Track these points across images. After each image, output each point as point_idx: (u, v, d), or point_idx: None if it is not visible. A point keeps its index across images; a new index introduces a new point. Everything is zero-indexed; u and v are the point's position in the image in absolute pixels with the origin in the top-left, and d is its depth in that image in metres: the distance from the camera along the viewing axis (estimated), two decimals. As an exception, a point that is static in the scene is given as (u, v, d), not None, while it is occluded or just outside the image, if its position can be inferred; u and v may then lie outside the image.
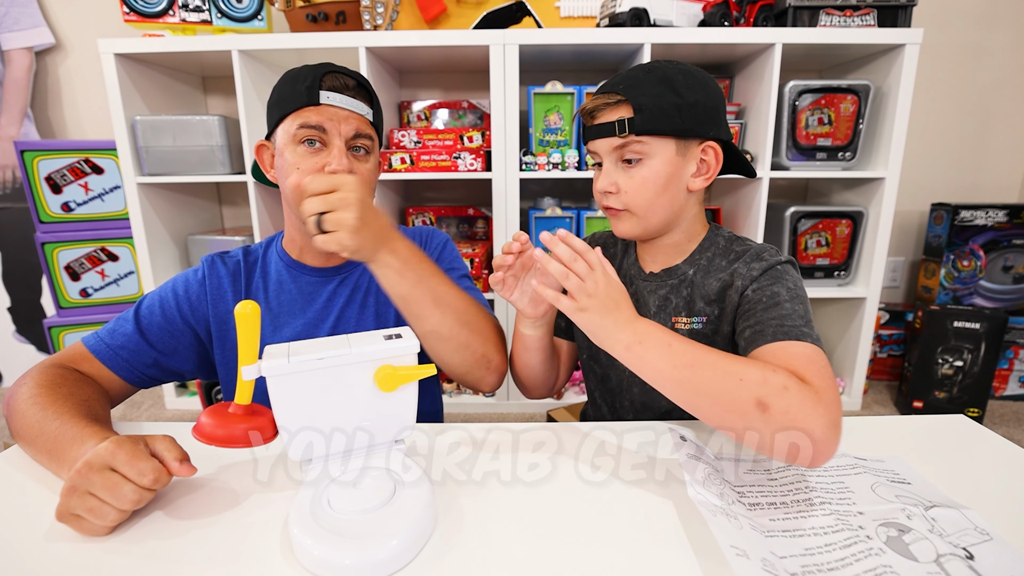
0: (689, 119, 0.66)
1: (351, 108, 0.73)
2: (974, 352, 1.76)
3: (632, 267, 0.80)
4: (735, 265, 0.70)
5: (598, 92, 0.71)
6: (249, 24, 1.65)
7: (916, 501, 0.52)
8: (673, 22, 1.57)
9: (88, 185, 1.79)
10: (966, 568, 0.43)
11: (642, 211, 0.69)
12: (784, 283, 0.65)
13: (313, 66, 0.74)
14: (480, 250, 1.68)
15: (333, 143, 0.72)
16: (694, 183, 0.70)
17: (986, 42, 1.91)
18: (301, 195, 0.60)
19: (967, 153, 2.01)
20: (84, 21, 1.89)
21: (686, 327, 0.73)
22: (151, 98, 1.69)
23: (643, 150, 0.67)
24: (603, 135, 0.68)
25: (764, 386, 0.52)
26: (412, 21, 1.85)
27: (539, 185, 1.96)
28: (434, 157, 1.60)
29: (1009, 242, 1.85)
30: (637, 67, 0.70)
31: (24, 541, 0.49)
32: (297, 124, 0.71)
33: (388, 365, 0.54)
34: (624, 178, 0.69)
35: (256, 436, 0.53)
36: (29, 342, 2.10)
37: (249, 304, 0.49)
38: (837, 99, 1.59)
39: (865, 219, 1.69)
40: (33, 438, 0.58)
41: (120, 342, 0.73)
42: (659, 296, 0.75)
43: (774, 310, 0.62)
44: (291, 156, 0.72)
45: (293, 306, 0.80)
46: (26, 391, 0.63)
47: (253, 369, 0.50)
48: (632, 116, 0.66)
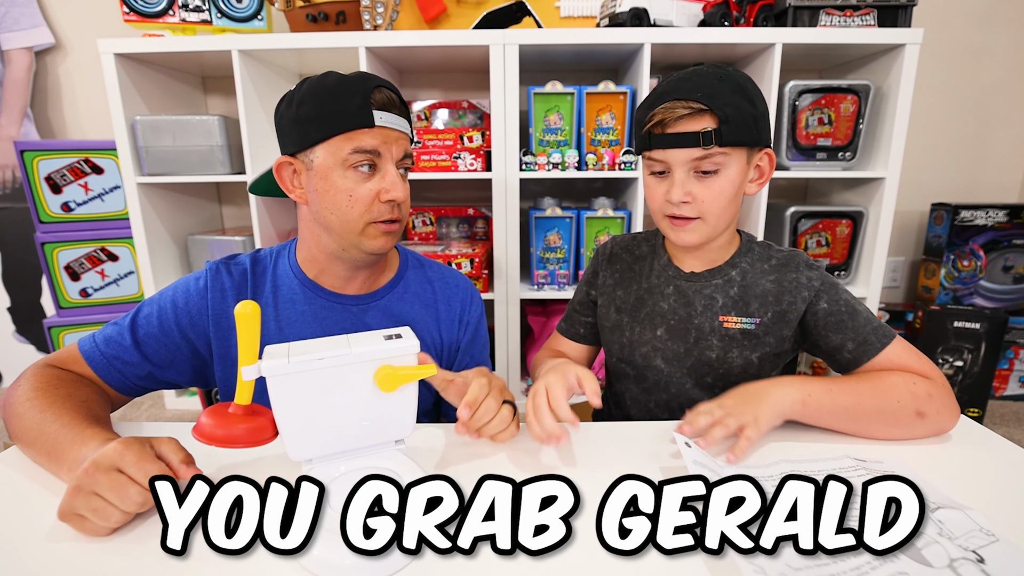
0: (762, 128, 0.68)
1: (401, 129, 0.70)
2: (974, 352, 1.76)
3: (667, 268, 0.80)
4: (788, 272, 0.74)
5: (664, 98, 0.67)
6: (249, 24, 1.65)
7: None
8: (673, 22, 1.56)
9: (88, 185, 1.79)
10: (979, 572, 0.43)
11: (714, 219, 0.70)
12: (839, 288, 0.74)
13: (357, 79, 0.68)
14: (480, 250, 1.68)
15: (387, 168, 0.69)
16: (751, 188, 0.72)
17: (986, 42, 1.91)
18: (466, 431, 0.61)
19: (967, 153, 2.01)
20: (84, 21, 1.89)
21: (736, 326, 0.75)
22: (151, 98, 1.68)
23: (723, 161, 0.67)
24: (682, 145, 0.66)
25: (916, 399, 0.64)
26: (412, 21, 1.85)
27: (539, 185, 1.96)
28: (434, 157, 1.60)
29: (1009, 242, 1.85)
30: (704, 72, 0.67)
31: (25, 541, 0.49)
32: (350, 148, 0.66)
33: (388, 365, 0.54)
34: (699, 188, 0.68)
35: (256, 436, 0.53)
36: (29, 342, 2.10)
37: (249, 304, 0.49)
38: (837, 99, 1.59)
39: (865, 219, 1.69)
40: (32, 440, 0.58)
41: (114, 351, 0.70)
42: (704, 295, 0.77)
43: (857, 317, 0.71)
44: (342, 182, 0.68)
45: (304, 329, 0.76)
46: (23, 392, 0.62)
47: (253, 369, 0.50)
48: (716, 127, 0.65)
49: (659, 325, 0.79)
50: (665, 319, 0.79)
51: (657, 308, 0.79)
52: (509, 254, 1.62)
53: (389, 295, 0.81)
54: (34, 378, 0.64)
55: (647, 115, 0.68)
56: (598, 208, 1.65)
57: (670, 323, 0.78)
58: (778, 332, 0.74)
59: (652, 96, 0.69)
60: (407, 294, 0.82)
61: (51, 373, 0.65)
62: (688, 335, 0.77)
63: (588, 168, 1.58)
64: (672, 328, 0.78)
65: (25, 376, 0.65)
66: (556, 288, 1.68)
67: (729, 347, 0.75)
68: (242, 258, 0.79)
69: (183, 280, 0.76)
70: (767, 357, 0.76)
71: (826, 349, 0.74)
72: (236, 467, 0.60)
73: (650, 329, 0.79)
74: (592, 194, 1.96)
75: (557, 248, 1.68)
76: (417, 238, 1.93)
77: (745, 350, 0.75)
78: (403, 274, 0.83)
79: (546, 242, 1.67)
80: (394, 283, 0.82)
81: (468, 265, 1.63)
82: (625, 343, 0.81)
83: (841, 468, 0.59)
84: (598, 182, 1.97)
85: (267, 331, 0.75)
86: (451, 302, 0.84)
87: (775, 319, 0.74)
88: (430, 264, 0.88)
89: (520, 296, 1.65)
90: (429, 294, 0.84)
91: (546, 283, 1.68)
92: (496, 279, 1.64)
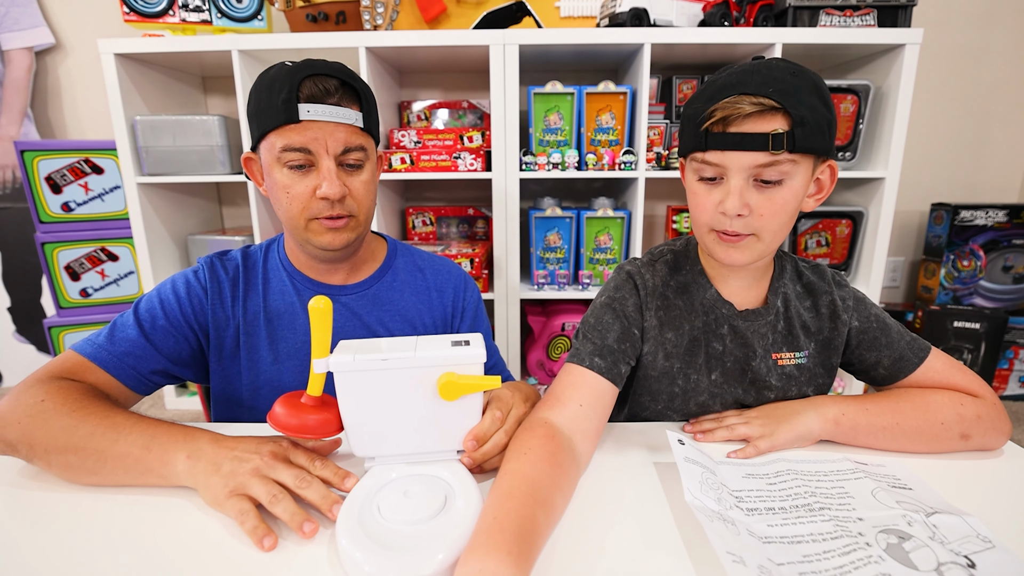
0: (833, 137, 0.59)
1: (337, 119, 0.65)
2: (974, 352, 1.76)
3: (716, 302, 0.69)
4: (822, 296, 0.70)
5: (727, 91, 0.56)
6: (249, 24, 1.65)
7: (917, 507, 0.51)
8: (673, 22, 1.56)
9: (88, 185, 1.79)
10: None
11: (770, 237, 0.60)
12: (867, 303, 0.70)
13: (288, 69, 0.65)
14: (480, 250, 1.68)
15: (322, 164, 0.66)
16: (807, 203, 0.62)
17: (986, 42, 1.90)
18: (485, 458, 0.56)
19: (967, 153, 2.01)
20: (84, 21, 1.89)
21: (792, 363, 0.69)
22: (151, 98, 1.68)
23: (790, 170, 0.57)
24: (747, 148, 0.56)
25: (962, 422, 0.61)
26: (412, 21, 1.85)
27: (539, 185, 1.96)
28: (434, 157, 1.60)
29: (1009, 242, 1.85)
30: (775, 66, 0.57)
31: (25, 543, 0.48)
32: (280, 146, 0.65)
33: (452, 373, 0.52)
34: (759, 200, 0.58)
35: (324, 428, 0.54)
36: (29, 342, 2.10)
37: (322, 299, 0.50)
38: (837, 99, 1.59)
39: (865, 219, 1.69)
40: (102, 444, 0.52)
41: (124, 348, 0.66)
42: (760, 335, 0.69)
43: (890, 332, 0.68)
44: (280, 178, 0.67)
45: (294, 320, 0.76)
46: (55, 404, 0.55)
47: (323, 363, 0.51)
48: (789, 129, 0.55)
49: (714, 369, 0.70)
50: (720, 361, 0.69)
51: (712, 350, 0.69)
52: (509, 254, 1.62)
53: (378, 284, 0.80)
54: (63, 390, 0.57)
55: (705, 110, 0.57)
56: (598, 208, 1.65)
57: (726, 365, 0.69)
58: (827, 361, 0.70)
59: (711, 88, 0.58)
60: (396, 282, 0.82)
61: (78, 385, 0.59)
62: (744, 377, 0.69)
63: (588, 168, 1.58)
64: (728, 371, 0.70)
65: (38, 389, 0.57)
66: (556, 288, 1.68)
67: (788, 386, 0.70)
68: (233, 253, 0.78)
69: (179, 275, 0.74)
70: (823, 389, 0.71)
71: (860, 367, 0.70)
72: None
73: (706, 375, 0.70)
74: (592, 194, 1.96)
75: (557, 248, 1.68)
76: (417, 238, 1.94)
77: (803, 386, 0.70)
78: (391, 263, 0.83)
79: (546, 242, 1.67)
80: (382, 272, 0.82)
81: (468, 265, 1.63)
82: (678, 392, 0.71)
83: (840, 471, 0.58)
84: (598, 182, 1.97)
85: (257, 321, 0.75)
86: (443, 289, 0.84)
87: (820, 348, 0.70)
88: (419, 253, 0.87)
89: (520, 296, 1.65)
90: (420, 281, 0.83)
91: (546, 283, 1.68)
92: (496, 279, 1.64)
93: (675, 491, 0.55)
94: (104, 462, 0.53)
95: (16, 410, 0.55)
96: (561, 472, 0.52)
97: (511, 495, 0.47)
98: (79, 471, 0.54)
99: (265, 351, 0.75)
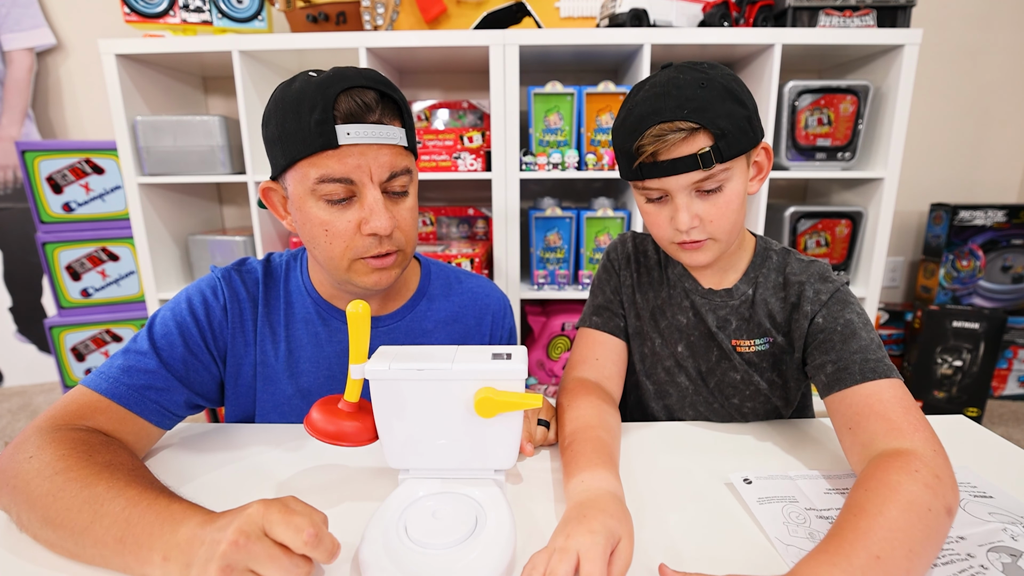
0: (756, 127, 0.61)
1: (381, 140, 0.57)
2: (973, 352, 1.76)
3: (683, 279, 0.74)
4: (799, 286, 0.67)
5: (646, 121, 0.58)
6: (249, 24, 1.65)
7: (1011, 518, 0.49)
8: (673, 22, 1.57)
9: (89, 185, 1.79)
10: None
11: (725, 235, 0.64)
12: (853, 308, 0.64)
13: (318, 82, 0.56)
14: (480, 250, 1.68)
15: (366, 195, 0.58)
16: (752, 187, 0.66)
17: (986, 42, 1.91)
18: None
19: (966, 153, 2.01)
20: (85, 22, 1.89)
21: (751, 350, 0.70)
22: (152, 98, 1.69)
23: (727, 175, 0.61)
24: (680, 171, 0.59)
25: (933, 493, 0.45)
26: (412, 21, 1.85)
27: (539, 185, 1.97)
28: (434, 157, 1.60)
29: (1008, 242, 1.85)
30: (682, 82, 0.59)
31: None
32: (316, 177, 0.56)
33: (490, 388, 0.49)
34: (705, 207, 0.62)
35: (360, 435, 0.53)
36: (30, 342, 2.11)
37: (360, 304, 0.48)
38: (836, 99, 1.59)
39: (864, 219, 1.69)
40: (81, 525, 0.44)
41: (144, 381, 0.59)
42: (718, 316, 0.72)
43: (853, 342, 0.60)
44: (317, 213, 0.58)
45: (318, 352, 0.70)
46: (42, 463, 0.48)
47: (359, 369, 0.50)
48: (714, 144, 0.58)
49: (679, 340, 0.74)
50: (684, 334, 0.74)
51: (676, 321, 0.74)
52: (509, 254, 1.62)
53: (411, 315, 0.74)
54: (54, 443, 0.50)
55: (632, 144, 0.60)
56: (598, 208, 1.65)
57: (690, 339, 0.74)
58: (793, 355, 0.69)
59: (631, 119, 0.61)
60: (431, 311, 0.76)
61: (73, 436, 0.51)
62: (710, 353, 0.73)
63: (588, 168, 1.59)
64: (692, 345, 0.74)
65: (32, 442, 0.50)
66: (556, 288, 1.68)
67: (751, 369, 0.71)
68: (253, 264, 0.71)
69: (196, 291, 0.67)
70: (791, 373, 0.71)
71: (810, 367, 0.66)
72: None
73: (671, 343, 0.75)
74: (592, 194, 1.96)
75: (557, 248, 1.68)
76: (417, 238, 1.94)
77: (766, 371, 0.71)
78: (425, 290, 0.77)
79: (546, 242, 1.68)
80: (416, 300, 0.76)
81: (468, 265, 1.63)
82: (647, 353, 0.77)
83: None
84: (598, 182, 1.98)
85: (277, 352, 0.69)
86: (481, 318, 0.79)
87: (787, 340, 0.69)
88: (456, 276, 0.80)
89: (520, 296, 1.65)
90: (457, 310, 0.77)
91: (546, 283, 1.69)
92: (496, 279, 1.64)
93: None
94: (83, 546, 0.45)
95: (6, 470, 0.49)
96: (605, 404, 0.66)
97: (575, 435, 0.59)
98: (61, 550, 0.46)
99: (285, 383, 0.70)
